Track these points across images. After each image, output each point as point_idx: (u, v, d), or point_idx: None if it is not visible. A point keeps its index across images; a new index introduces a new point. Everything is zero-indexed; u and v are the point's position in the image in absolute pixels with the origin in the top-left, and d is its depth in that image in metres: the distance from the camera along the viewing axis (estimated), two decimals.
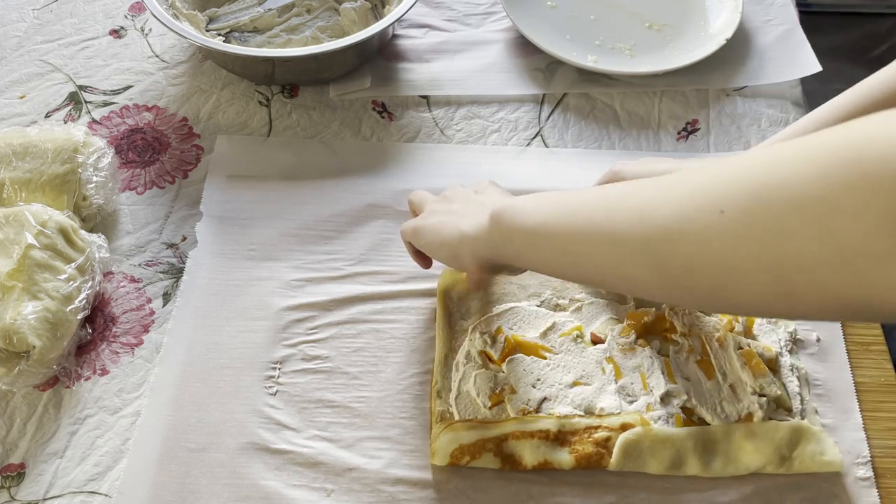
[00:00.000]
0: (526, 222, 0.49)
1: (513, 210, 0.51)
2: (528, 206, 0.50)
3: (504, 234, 0.51)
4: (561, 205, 0.48)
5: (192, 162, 0.77)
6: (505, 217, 0.51)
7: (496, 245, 0.52)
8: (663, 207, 0.40)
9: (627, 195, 0.43)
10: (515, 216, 0.50)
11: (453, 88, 0.84)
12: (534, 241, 0.49)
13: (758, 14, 0.92)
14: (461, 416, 0.59)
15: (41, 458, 0.59)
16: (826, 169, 0.33)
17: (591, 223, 0.45)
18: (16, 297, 0.60)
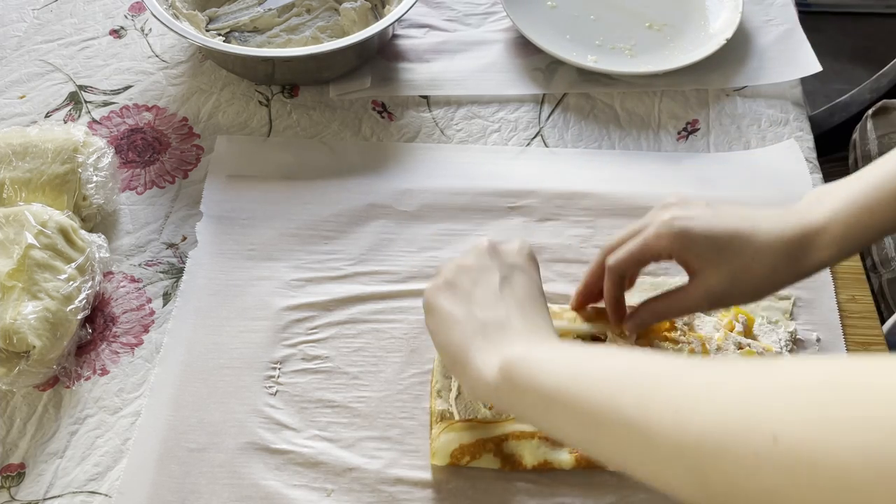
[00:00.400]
0: (541, 383, 0.43)
1: (527, 365, 0.45)
2: (546, 363, 0.44)
3: (515, 390, 0.45)
4: (582, 369, 0.42)
5: (192, 162, 0.77)
6: (517, 374, 0.45)
7: (504, 399, 0.46)
8: (704, 411, 0.34)
9: (661, 381, 0.37)
10: (530, 374, 0.44)
11: (453, 88, 0.84)
12: (547, 407, 0.43)
13: (758, 14, 0.92)
14: (461, 416, 0.59)
15: (41, 458, 0.59)
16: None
17: (616, 405, 0.38)
18: (16, 297, 0.60)
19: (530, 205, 0.73)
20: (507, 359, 0.46)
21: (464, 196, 0.74)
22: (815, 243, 0.51)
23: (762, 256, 0.51)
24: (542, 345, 0.47)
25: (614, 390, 0.39)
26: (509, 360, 0.46)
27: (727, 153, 0.79)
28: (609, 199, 0.73)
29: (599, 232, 0.71)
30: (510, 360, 0.46)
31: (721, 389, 0.35)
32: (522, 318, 0.50)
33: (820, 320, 0.65)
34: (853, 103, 1.00)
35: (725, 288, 0.52)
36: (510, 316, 0.50)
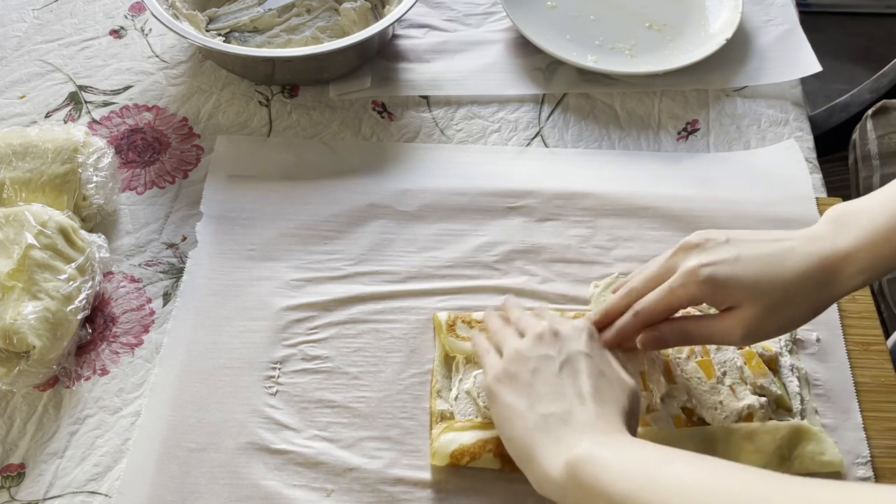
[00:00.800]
0: (609, 489, 0.43)
1: (594, 466, 0.44)
2: (614, 466, 0.44)
3: (582, 491, 0.45)
4: (652, 478, 0.42)
5: (192, 162, 0.77)
6: (584, 475, 0.45)
7: (571, 499, 0.46)
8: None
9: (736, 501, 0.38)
10: (598, 475, 0.44)
11: (453, 88, 0.84)
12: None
13: (758, 14, 0.92)
14: (461, 416, 0.59)
15: (41, 458, 0.59)
16: None
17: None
18: (16, 297, 0.60)
19: (530, 205, 0.73)
20: (572, 458, 0.46)
21: (464, 196, 0.74)
22: (843, 272, 0.51)
23: (793, 294, 0.51)
24: (609, 442, 0.47)
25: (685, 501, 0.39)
26: (575, 460, 0.46)
27: (727, 153, 0.79)
28: (609, 199, 0.73)
29: (599, 232, 0.71)
30: (575, 461, 0.45)
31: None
32: (584, 410, 0.49)
33: (820, 320, 0.65)
34: (853, 103, 1.00)
35: (761, 323, 0.52)
36: (572, 408, 0.49)
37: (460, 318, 0.64)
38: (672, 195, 0.74)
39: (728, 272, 0.52)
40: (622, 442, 0.47)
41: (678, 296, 0.53)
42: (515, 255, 0.70)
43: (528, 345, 0.54)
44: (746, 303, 0.51)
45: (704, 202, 0.73)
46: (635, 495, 0.42)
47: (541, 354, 0.53)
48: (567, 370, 0.52)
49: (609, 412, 0.49)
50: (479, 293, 0.67)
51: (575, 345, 0.53)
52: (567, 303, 0.67)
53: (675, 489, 0.41)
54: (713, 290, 0.52)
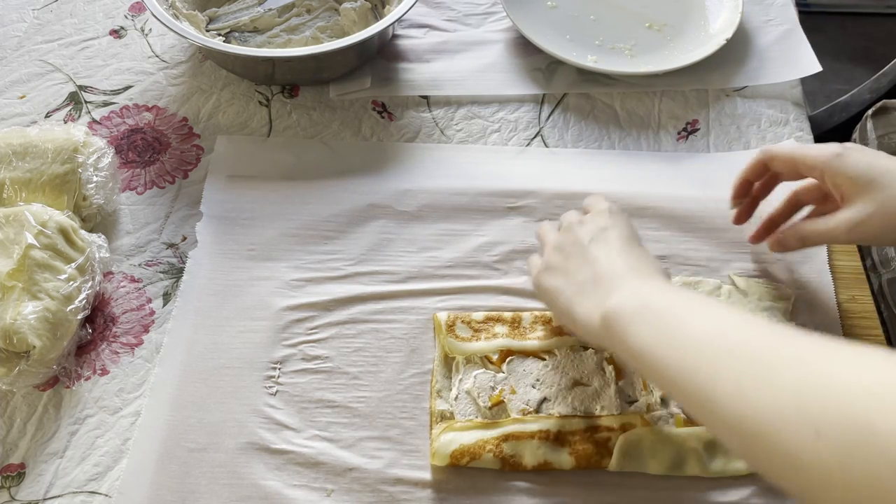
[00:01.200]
0: (633, 341, 0.47)
1: (622, 320, 0.48)
2: (638, 320, 0.47)
3: (613, 340, 0.49)
4: (670, 333, 0.45)
5: (192, 162, 0.77)
6: (614, 326, 0.48)
7: (606, 344, 0.51)
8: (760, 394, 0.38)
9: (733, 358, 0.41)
10: (624, 328, 0.48)
11: (453, 88, 0.84)
12: (638, 362, 0.47)
13: (758, 14, 0.92)
14: (461, 416, 0.59)
15: (41, 458, 0.59)
16: None
17: (691, 376, 0.42)
18: (16, 297, 0.60)
19: (530, 205, 0.73)
20: (605, 311, 0.50)
21: (464, 196, 0.74)
22: None
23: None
24: (639, 289, 0.50)
25: (692, 361, 0.43)
26: (607, 312, 0.49)
27: (727, 153, 0.79)
28: (609, 199, 0.73)
29: None
30: (607, 313, 0.49)
31: (782, 375, 0.38)
32: (614, 264, 0.53)
33: (820, 320, 0.65)
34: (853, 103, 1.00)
35: (868, 216, 0.56)
36: (601, 268, 0.53)
37: (460, 318, 0.64)
38: (672, 195, 0.74)
39: (862, 156, 0.57)
40: (653, 288, 0.50)
41: (810, 151, 0.59)
42: (515, 255, 0.70)
43: (559, 236, 0.59)
44: (863, 193, 0.56)
45: (704, 202, 0.73)
46: (653, 352, 0.45)
47: (571, 241, 0.57)
48: (594, 245, 0.55)
49: (638, 260, 0.53)
50: (479, 293, 0.67)
51: (598, 222, 0.57)
52: None
53: (685, 345, 0.44)
54: (843, 164, 0.57)
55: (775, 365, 0.39)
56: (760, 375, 0.38)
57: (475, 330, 0.63)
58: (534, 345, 0.62)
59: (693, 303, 0.48)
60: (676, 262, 0.69)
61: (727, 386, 0.40)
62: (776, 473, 0.37)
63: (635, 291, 0.50)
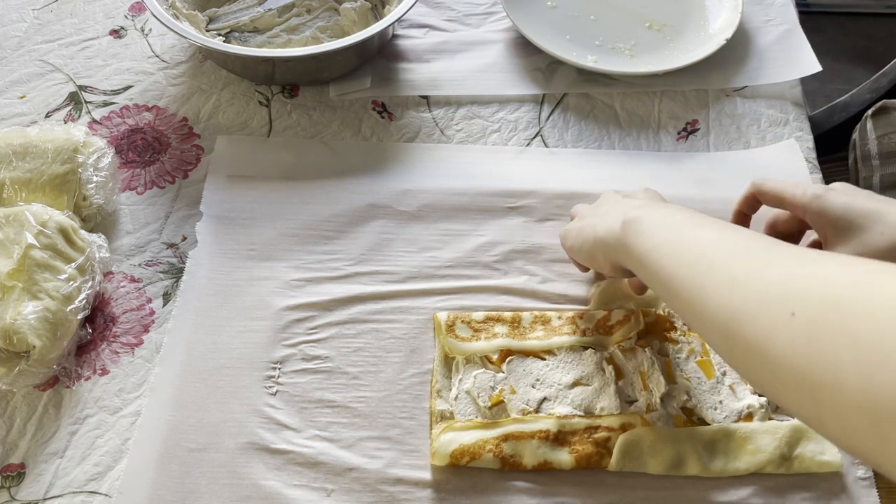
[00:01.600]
0: (641, 243, 0.50)
1: (637, 224, 0.51)
2: (652, 225, 0.51)
3: (626, 244, 0.52)
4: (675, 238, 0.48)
5: (192, 162, 0.77)
6: (630, 229, 0.52)
7: (620, 253, 0.53)
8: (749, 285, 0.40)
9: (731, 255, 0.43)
10: (638, 232, 0.51)
11: (453, 88, 0.84)
12: (641, 265, 0.50)
13: (758, 14, 0.92)
14: (461, 416, 0.59)
15: (41, 458, 0.59)
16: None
17: (685, 277, 0.45)
18: (16, 297, 0.60)
19: (530, 205, 0.73)
20: (626, 219, 0.52)
21: (464, 196, 0.74)
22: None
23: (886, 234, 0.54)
24: (658, 207, 0.54)
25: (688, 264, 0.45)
26: (627, 220, 0.52)
27: (727, 153, 0.79)
28: None
29: None
30: (628, 220, 0.52)
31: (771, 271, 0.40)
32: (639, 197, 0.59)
33: None
34: (853, 103, 0.99)
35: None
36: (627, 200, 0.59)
37: (460, 318, 0.64)
38: (672, 195, 0.73)
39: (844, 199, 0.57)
40: (671, 208, 0.53)
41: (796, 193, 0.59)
42: (515, 255, 0.70)
43: (601, 197, 0.64)
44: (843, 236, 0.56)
45: (704, 202, 0.73)
46: (656, 255, 0.48)
47: (604, 198, 0.63)
48: (624, 199, 0.60)
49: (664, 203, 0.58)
50: (479, 293, 0.67)
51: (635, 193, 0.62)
52: (567, 303, 0.67)
53: (686, 256, 0.46)
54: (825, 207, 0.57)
55: (768, 264, 0.41)
56: (751, 275, 0.41)
57: (475, 330, 0.63)
58: (534, 345, 0.62)
59: (702, 220, 0.50)
60: None
61: (718, 287, 0.42)
62: (749, 363, 0.39)
63: (657, 209, 0.53)
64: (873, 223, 0.55)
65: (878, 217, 0.55)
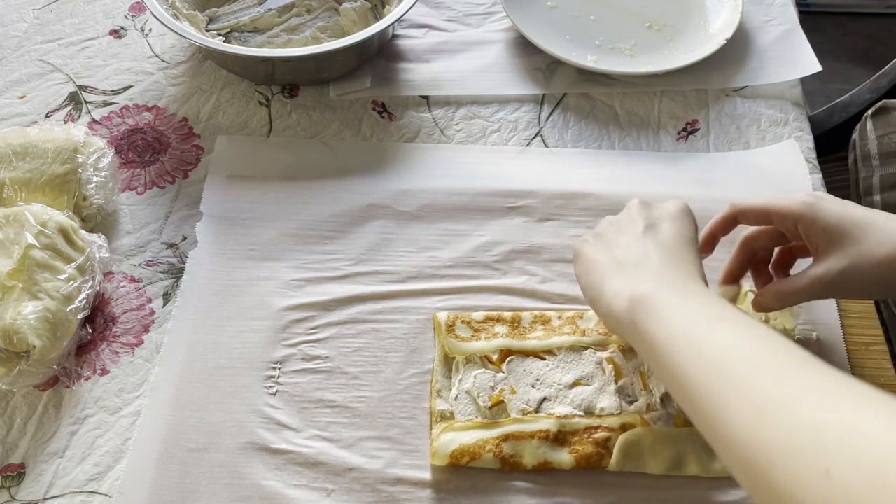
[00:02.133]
0: (654, 328, 0.46)
1: (652, 305, 0.47)
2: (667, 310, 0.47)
3: (636, 324, 0.48)
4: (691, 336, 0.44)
5: (192, 162, 0.77)
6: (641, 311, 0.48)
7: (627, 328, 0.49)
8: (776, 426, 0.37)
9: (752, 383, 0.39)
10: (651, 315, 0.47)
11: (453, 88, 0.84)
12: (653, 353, 0.46)
13: (758, 14, 0.92)
14: (461, 415, 0.59)
15: (41, 458, 0.59)
16: None
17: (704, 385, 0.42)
18: (16, 297, 0.60)
19: (530, 205, 0.73)
20: (635, 294, 0.49)
21: (464, 196, 0.74)
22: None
23: (884, 243, 0.52)
24: (675, 286, 0.49)
25: (704, 378, 0.42)
26: (637, 296, 0.49)
27: (727, 153, 0.79)
28: (609, 199, 0.73)
29: None
30: (637, 297, 0.49)
31: (800, 410, 0.37)
32: (660, 256, 0.52)
33: (820, 320, 0.65)
34: (853, 103, 1.00)
35: (843, 270, 0.53)
36: (648, 254, 0.53)
37: (460, 318, 0.64)
38: (672, 195, 0.73)
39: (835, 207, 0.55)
40: (688, 290, 0.49)
41: (782, 205, 0.56)
42: (515, 255, 0.70)
43: (620, 214, 0.59)
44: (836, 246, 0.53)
45: (704, 202, 0.73)
46: (671, 350, 0.45)
47: (627, 218, 0.57)
48: (651, 231, 0.55)
49: (686, 261, 0.52)
50: (479, 293, 0.67)
51: (665, 212, 0.57)
52: (567, 302, 0.67)
53: (704, 355, 0.43)
54: (815, 216, 0.54)
55: (796, 397, 0.38)
56: (778, 407, 0.37)
57: (475, 330, 0.63)
58: (534, 345, 0.62)
59: (722, 312, 0.46)
60: None
61: (742, 412, 0.39)
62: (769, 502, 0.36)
63: (669, 287, 0.49)
64: (868, 233, 0.53)
65: (874, 226, 0.53)
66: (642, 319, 0.47)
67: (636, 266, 0.52)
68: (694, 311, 0.46)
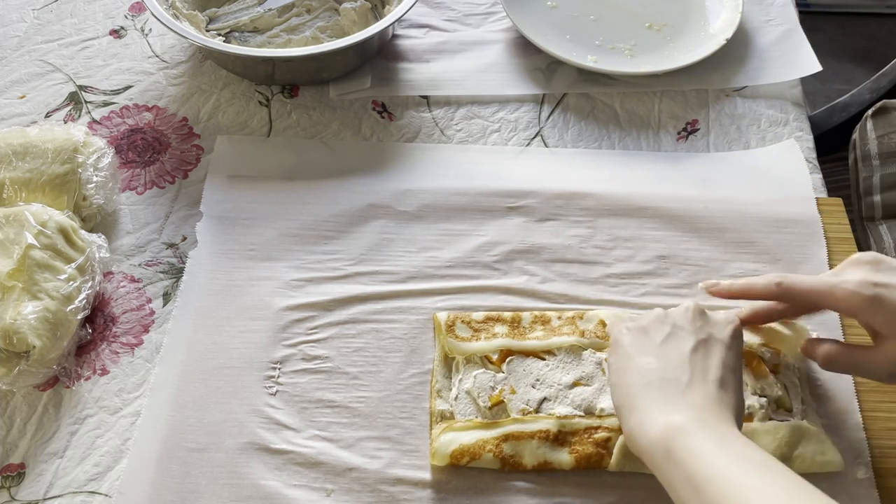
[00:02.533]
0: (696, 467, 0.44)
1: (691, 440, 0.46)
2: (710, 448, 0.45)
3: (671, 457, 0.46)
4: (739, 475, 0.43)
5: (192, 162, 0.77)
6: (679, 444, 0.46)
7: (655, 460, 0.48)
8: None
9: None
10: (691, 450, 0.45)
11: (453, 88, 0.84)
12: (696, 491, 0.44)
13: (758, 14, 0.92)
14: (461, 416, 0.59)
15: (41, 458, 0.59)
16: None
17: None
18: (16, 297, 0.60)
19: (530, 205, 0.73)
20: (673, 424, 0.47)
21: (464, 196, 0.74)
22: None
23: None
24: (715, 426, 0.47)
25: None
26: (675, 426, 0.47)
27: (727, 153, 0.79)
28: (609, 199, 0.73)
29: (599, 232, 0.71)
30: (675, 427, 0.47)
31: None
32: (704, 390, 0.50)
33: (820, 320, 0.65)
34: (853, 103, 1.00)
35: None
36: (693, 383, 0.50)
37: (460, 318, 0.64)
38: (672, 195, 0.74)
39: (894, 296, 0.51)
40: (727, 432, 0.47)
41: (837, 297, 0.53)
42: (515, 255, 0.70)
43: (671, 312, 0.55)
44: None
45: (704, 202, 0.73)
46: (714, 484, 0.43)
47: (680, 325, 0.54)
48: (702, 351, 0.52)
49: (725, 404, 0.49)
50: (479, 293, 0.67)
51: (718, 332, 0.54)
52: (567, 302, 0.67)
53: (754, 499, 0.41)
54: (875, 310, 0.51)
55: None
56: None
57: (475, 330, 0.63)
58: (534, 345, 0.62)
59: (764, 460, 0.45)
60: (676, 262, 0.69)
61: None
62: None
63: (709, 425, 0.47)
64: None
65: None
66: (679, 453, 0.46)
67: (678, 392, 0.50)
68: (737, 456, 0.45)
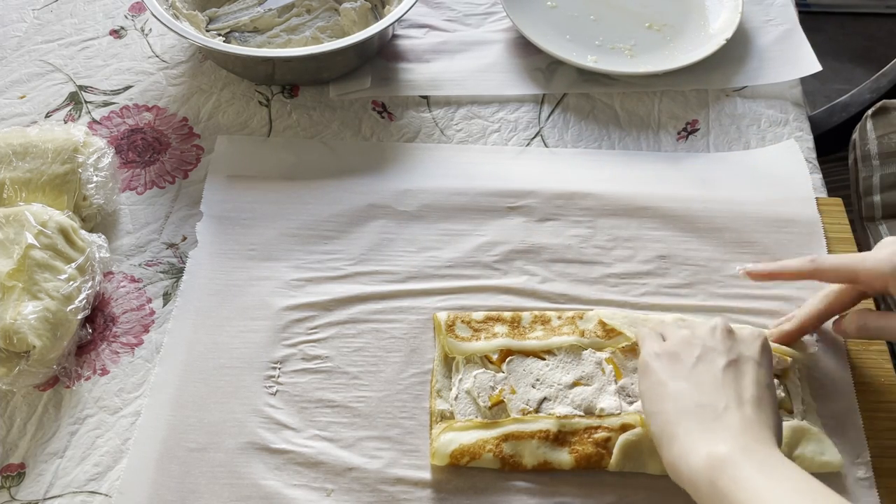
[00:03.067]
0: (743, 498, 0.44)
1: (736, 471, 0.45)
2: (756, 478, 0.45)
3: (716, 489, 0.45)
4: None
5: (192, 162, 0.77)
6: (724, 475, 0.45)
7: (700, 491, 0.47)
8: None
9: None
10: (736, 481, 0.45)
11: (453, 88, 0.84)
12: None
13: (758, 14, 0.92)
14: (461, 415, 0.59)
15: (41, 458, 0.59)
16: None
17: None
18: (16, 297, 0.60)
19: (530, 205, 0.73)
20: (716, 455, 0.46)
21: (464, 196, 0.74)
22: None
23: None
24: (757, 452, 0.47)
25: None
26: (718, 456, 0.46)
27: (727, 153, 0.79)
28: (609, 199, 0.73)
29: (599, 232, 0.71)
30: (719, 458, 0.46)
31: None
32: (741, 413, 0.49)
33: None
34: (853, 103, 1.00)
35: None
36: (729, 406, 0.50)
37: (460, 318, 0.64)
38: (672, 195, 0.74)
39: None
40: (770, 457, 0.47)
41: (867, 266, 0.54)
42: (515, 255, 0.70)
43: (699, 333, 0.55)
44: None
45: (704, 202, 0.73)
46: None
47: (710, 346, 0.53)
48: (733, 371, 0.52)
49: (763, 423, 0.49)
50: (479, 293, 0.67)
51: (747, 349, 0.53)
52: (567, 302, 0.67)
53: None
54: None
55: None
56: None
57: (475, 330, 0.63)
58: (534, 345, 0.62)
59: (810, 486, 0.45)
60: (676, 262, 0.69)
61: None
62: None
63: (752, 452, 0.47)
64: None
65: None
66: (724, 484, 0.45)
67: (715, 417, 0.49)
68: (784, 487, 0.45)
